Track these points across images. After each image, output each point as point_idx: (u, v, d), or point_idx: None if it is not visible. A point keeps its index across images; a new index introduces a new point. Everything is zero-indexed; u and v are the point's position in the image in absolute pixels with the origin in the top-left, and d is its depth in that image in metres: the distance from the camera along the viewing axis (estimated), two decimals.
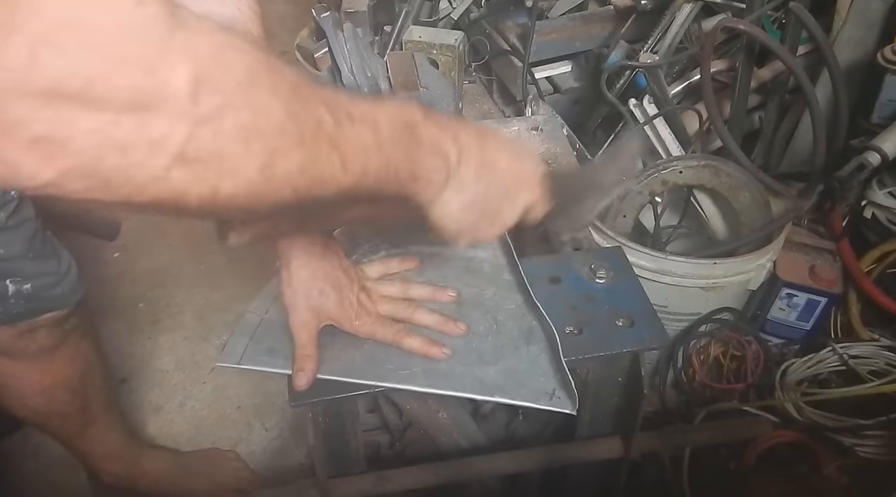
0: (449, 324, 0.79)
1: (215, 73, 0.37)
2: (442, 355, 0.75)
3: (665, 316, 1.42)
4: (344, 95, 0.48)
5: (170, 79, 0.34)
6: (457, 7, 1.65)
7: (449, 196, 0.59)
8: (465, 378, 0.74)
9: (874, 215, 1.40)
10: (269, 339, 0.77)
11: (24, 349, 1.00)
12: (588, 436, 0.91)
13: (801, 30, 1.40)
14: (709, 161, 1.41)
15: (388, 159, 0.51)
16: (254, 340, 0.77)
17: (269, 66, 0.41)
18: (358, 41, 1.15)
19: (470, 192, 0.60)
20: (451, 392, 0.73)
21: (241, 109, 0.38)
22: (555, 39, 1.70)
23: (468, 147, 0.59)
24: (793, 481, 1.32)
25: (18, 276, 0.90)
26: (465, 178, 0.59)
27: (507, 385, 0.74)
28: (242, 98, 0.38)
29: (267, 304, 0.81)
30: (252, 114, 0.39)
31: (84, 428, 1.18)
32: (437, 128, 0.56)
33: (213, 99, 0.36)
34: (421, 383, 0.73)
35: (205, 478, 1.36)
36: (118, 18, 0.32)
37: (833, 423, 1.34)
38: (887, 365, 1.39)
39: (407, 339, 0.76)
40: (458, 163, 0.58)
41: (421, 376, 0.74)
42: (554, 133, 1.35)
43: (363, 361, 0.75)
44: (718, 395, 1.46)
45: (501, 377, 0.75)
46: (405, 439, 0.96)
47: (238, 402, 1.56)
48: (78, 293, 1.00)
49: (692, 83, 1.58)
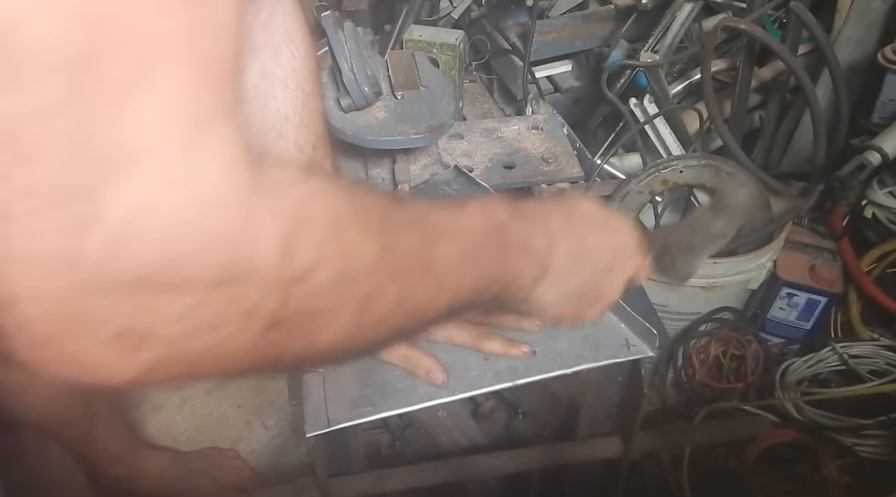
0: (525, 321, 0.77)
1: (303, 228, 0.33)
2: (523, 354, 0.75)
3: (665, 315, 1.42)
4: (426, 208, 0.46)
5: (258, 246, 0.31)
6: (457, 6, 1.65)
7: (544, 290, 0.56)
8: (545, 359, 0.75)
9: (874, 215, 1.39)
10: (343, 391, 0.75)
11: None
12: (588, 435, 0.91)
13: (801, 29, 1.40)
14: (709, 160, 1.41)
15: (481, 268, 0.49)
16: (329, 399, 0.75)
17: (352, 203, 0.37)
18: (358, 40, 1.15)
19: (565, 280, 0.57)
20: (540, 376, 0.74)
21: (332, 260, 0.35)
22: (555, 38, 1.70)
23: (558, 234, 0.56)
24: (793, 481, 1.32)
25: None
26: (559, 268, 0.56)
27: (586, 351, 0.75)
28: (332, 247, 0.35)
29: None
30: (343, 261, 0.36)
31: (87, 431, 1.18)
32: (524, 223, 0.54)
33: (304, 257, 0.33)
34: (508, 379, 0.74)
35: (205, 477, 1.36)
36: (199, 195, 0.29)
37: (833, 422, 1.34)
38: (887, 365, 1.39)
39: (486, 342, 0.76)
40: (550, 254, 0.55)
41: (506, 373, 0.74)
42: (554, 132, 1.35)
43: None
44: (718, 394, 1.46)
45: (577, 345, 0.76)
46: (405, 438, 0.96)
47: (238, 401, 1.56)
48: None
49: (693, 82, 1.58)
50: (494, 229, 0.50)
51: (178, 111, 0.29)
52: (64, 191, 0.27)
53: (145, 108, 0.28)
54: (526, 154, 1.29)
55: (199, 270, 0.30)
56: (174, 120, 0.29)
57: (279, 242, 0.32)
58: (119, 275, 0.28)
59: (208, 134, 0.30)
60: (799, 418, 1.36)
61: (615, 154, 1.59)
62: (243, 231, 0.31)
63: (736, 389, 1.45)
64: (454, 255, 0.45)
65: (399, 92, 1.18)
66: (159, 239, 0.28)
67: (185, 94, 0.29)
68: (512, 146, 1.30)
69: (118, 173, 0.27)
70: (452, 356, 0.75)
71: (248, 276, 0.31)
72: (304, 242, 0.33)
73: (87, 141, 0.27)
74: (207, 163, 0.30)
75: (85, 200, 0.27)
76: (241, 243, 0.31)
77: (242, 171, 0.31)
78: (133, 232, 0.28)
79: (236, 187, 0.31)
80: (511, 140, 1.32)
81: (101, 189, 0.27)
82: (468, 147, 1.29)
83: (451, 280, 0.45)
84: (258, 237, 0.31)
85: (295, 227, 0.33)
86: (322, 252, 0.34)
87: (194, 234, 0.29)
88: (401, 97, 1.17)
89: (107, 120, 0.27)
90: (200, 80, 0.30)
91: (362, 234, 0.37)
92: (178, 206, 0.29)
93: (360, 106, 1.13)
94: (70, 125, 0.27)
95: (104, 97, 0.27)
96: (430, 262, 0.43)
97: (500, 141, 1.32)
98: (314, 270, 0.34)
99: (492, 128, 1.35)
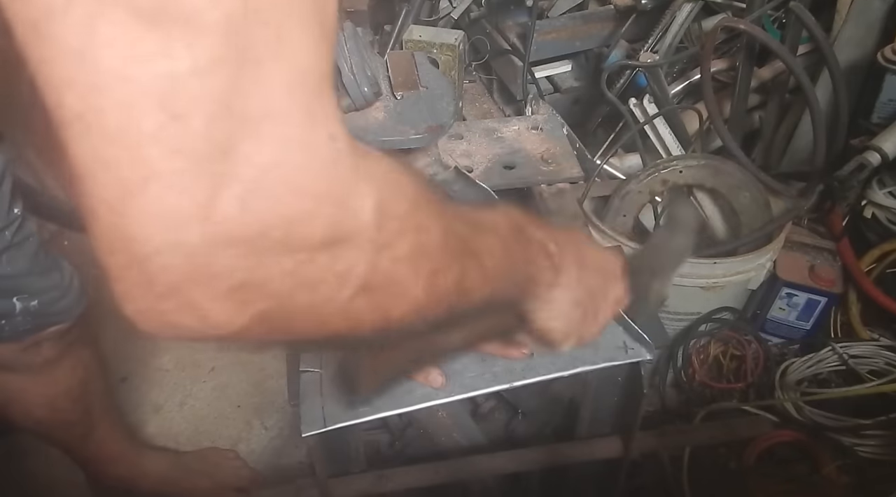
0: (512, 350, 0.77)
1: (392, 198, 0.36)
2: (522, 356, 0.75)
3: (665, 315, 1.42)
4: (460, 206, 0.48)
5: (360, 210, 0.34)
6: (457, 6, 1.65)
7: (557, 295, 0.58)
8: (543, 361, 0.75)
9: (874, 215, 1.39)
10: (340, 392, 0.75)
11: (29, 363, 1.00)
12: (588, 435, 0.91)
13: (801, 29, 1.40)
14: (709, 161, 1.41)
15: (513, 261, 0.51)
16: (325, 399, 0.75)
17: (421, 185, 0.40)
18: (358, 40, 1.15)
19: (574, 289, 0.59)
20: (537, 379, 0.74)
21: (411, 232, 0.38)
22: (555, 39, 1.70)
23: (566, 245, 0.59)
24: (793, 481, 1.32)
25: (25, 293, 0.89)
26: (570, 276, 0.58)
27: (583, 354, 0.75)
28: (413, 221, 0.38)
29: (316, 358, 0.79)
30: (419, 235, 0.38)
31: (86, 434, 1.18)
32: (538, 228, 0.56)
33: (392, 224, 0.36)
34: (506, 381, 0.74)
35: (205, 477, 1.36)
36: (316, 155, 0.32)
37: (833, 422, 1.34)
38: (887, 365, 1.39)
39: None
40: (561, 261, 0.57)
41: (503, 374, 0.74)
42: (554, 132, 1.35)
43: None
44: (718, 394, 1.46)
45: (575, 348, 0.75)
46: (405, 438, 0.96)
47: (238, 401, 1.56)
48: (82, 304, 0.99)
49: (692, 83, 1.58)
50: (518, 228, 0.53)
51: (304, 73, 0.31)
52: (208, 149, 0.29)
53: (280, 68, 0.30)
54: (526, 154, 1.29)
55: (311, 229, 0.32)
56: (301, 81, 0.31)
57: (374, 207, 0.34)
58: (245, 230, 0.30)
59: (322, 98, 0.32)
60: (799, 418, 1.36)
61: (615, 154, 1.59)
62: (349, 193, 0.33)
63: (736, 390, 1.45)
64: (496, 247, 0.48)
65: (399, 92, 1.18)
66: (281, 197, 0.31)
67: (309, 55, 0.31)
68: (512, 146, 1.30)
69: (253, 132, 0.30)
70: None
71: (349, 238, 0.34)
72: (392, 211, 0.36)
73: (232, 99, 0.29)
74: (322, 126, 0.32)
75: (223, 158, 0.29)
76: (347, 206, 0.33)
77: (345, 136, 0.33)
78: (260, 190, 0.30)
79: (343, 152, 0.33)
80: (511, 140, 1.32)
81: (237, 147, 0.29)
82: (468, 147, 1.29)
83: (494, 270, 0.48)
84: (360, 201, 0.34)
85: (385, 196, 0.35)
86: (405, 224, 0.37)
87: (310, 196, 0.32)
88: (400, 98, 1.17)
89: (250, 79, 0.29)
90: (321, 43, 0.32)
91: (430, 214, 0.40)
92: (298, 165, 0.31)
93: (359, 106, 1.13)
94: (221, 83, 0.29)
95: (251, 56, 0.29)
96: (477, 251, 0.46)
97: (500, 141, 1.32)
98: (398, 240, 0.37)
99: (491, 128, 1.35)
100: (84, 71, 0.27)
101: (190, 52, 0.28)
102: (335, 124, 0.33)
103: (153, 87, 0.28)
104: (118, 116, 0.28)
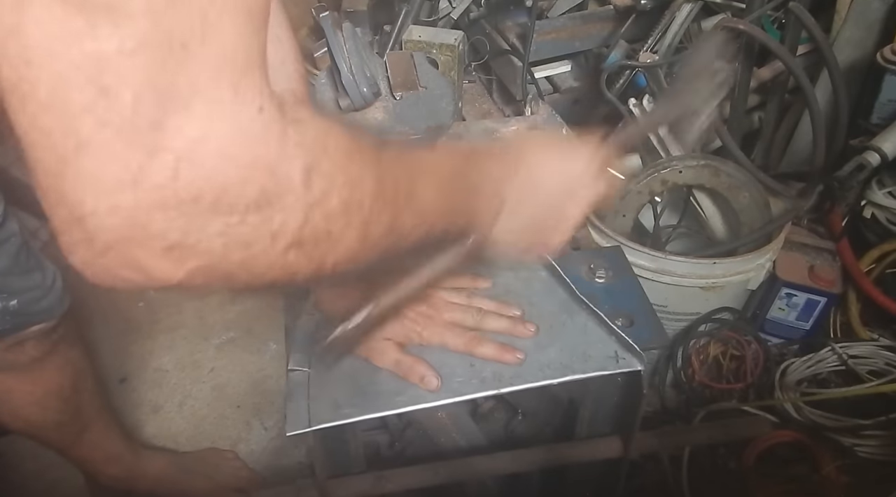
0: (519, 327, 0.78)
1: (321, 158, 0.39)
2: (516, 361, 0.75)
3: (665, 316, 1.42)
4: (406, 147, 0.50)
5: (288, 173, 0.36)
6: (456, 7, 1.65)
7: (504, 221, 0.60)
8: (532, 368, 0.74)
9: (874, 215, 1.40)
10: (327, 392, 0.74)
11: (14, 362, 0.99)
12: (587, 436, 0.91)
13: (800, 30, 1.40)
14: (708, 161, 1.41)
15: (451, 200, 0.53)
16: (312, 399, 0.74)
17: (354, 138, 0.42)
18: (357, 41, 1.15)
19: (522, 210, 0.61)
20: (525, 386, 0.73)
21: (342, 187, 0.40)
22: (554, 39, 1.70)
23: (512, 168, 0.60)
24: (792, 481, 1.32)
25: (5, 293, 0.88)
26: (515, 199, 0.60)
27: (574, 362, 0.75)
28: (343, 176, 0.40)
29: (305, 357, 0.78)
30: (350, 189, 0.41)
31: (80, 435, 1.17)
32: (482, 160, 0.58)
33: (321, 183, 0.38)
34: (493, 387, 0.73)
35: (204, 478, 1.36)
36: (244, 128, 0.34)
37: (832, 422, 1.34)
38: (887, 365, 1.39)
39: (480, 347, 0.76)
40: (505, 187, 0.59)
41: (491, 380, 0.74)
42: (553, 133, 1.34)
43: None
44: (718, 394, 1.46)
45: (565, 356, 0.75)
46: (405, 439, 0.96)
47: (237, 402, 1.56)
48: (64, 304, 0.99)
49: None
50: (459, 167, 0.56)
51: (231, 54, 0.34)
52: (137, 122, 0.31)
53: (207, 50, 0.33)
54: None
55: (241, 194, 0.35)
56: (228, 61, 0.34)
57: (303, 170, 0.37)
58: (176, 196, 0.33)
59: (249, 75, 0.35)
60: (798, 419, 1.37)
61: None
62: (277, 160, 0.36)
63: (735, 390, 1.45)
64: (431, 187, 0.51)
65: (398, 93, 1.18)
66: (211, 166, 0.33)
67: (236, 38, 0.34)
68: None
69: (182, 107, 0.32)
70: (439, 361, 0.75)
71: (279, 200, 0.36)
72: (321, 171, 0.38)
73: (160, 78, 0.31)
74: (249, 100, 0.35)
75: (154, 130, 0.32)
76: (276, 172, 0.36)
77: (274, 108, 0.36)
78: (191, 159, 0.33)
79: (270, 122, 0.35)
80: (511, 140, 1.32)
81: (167, 121, 0.32)
82: None
83: (430, 209, 0.51)
84: (288, 165, 0.36)
85: (315, 158, 0.38)
86: (334, 180, 0.39)
87: (239, 164, 0.34)
88: (400, 98, 1.17)
89: (177, 60, 0.32)
90: (248, 27, 0.35)
91: (363, 166, 0.42)
92: (227, 137, 0.33)
93: (358, 107, 1.13)
94: (148, 63, 0.31)
95: (176, 39, 0.32)
96: (413, 193, 0.48)
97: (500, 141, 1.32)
98: (328, 196, 0.39)
99: (491, 128, 1.35)
100: (17, 44, 0.30)
101: (116, 34, 0.30)
102: (264, 98, 0.35)
103: (82, 64, 0.30)
104: (50, 89, 0.30)
